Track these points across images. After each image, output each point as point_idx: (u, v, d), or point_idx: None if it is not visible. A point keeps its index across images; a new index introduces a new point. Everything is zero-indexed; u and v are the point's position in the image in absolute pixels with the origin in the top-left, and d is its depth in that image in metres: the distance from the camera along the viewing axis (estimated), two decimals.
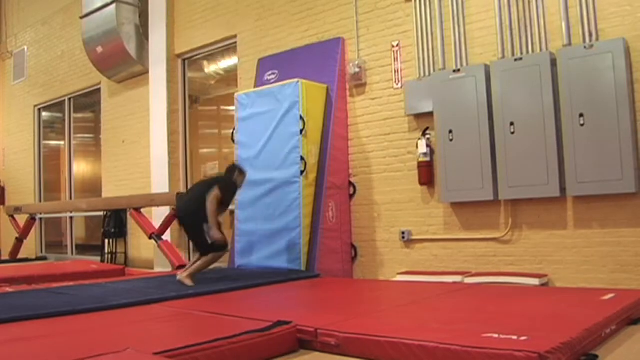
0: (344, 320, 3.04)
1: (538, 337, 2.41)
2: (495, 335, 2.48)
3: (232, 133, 6.18)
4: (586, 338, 2.52)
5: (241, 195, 5.99)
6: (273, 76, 6.30)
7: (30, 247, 10.14)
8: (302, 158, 5.48)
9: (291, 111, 5.60)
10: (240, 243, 5.93)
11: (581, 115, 4.44)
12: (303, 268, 5.36)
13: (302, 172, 5.47)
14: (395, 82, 5.66)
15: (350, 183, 5.92)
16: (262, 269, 5.57)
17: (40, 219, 10.18)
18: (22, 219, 9.33)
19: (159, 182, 7.67)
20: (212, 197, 4.73)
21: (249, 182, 5.89)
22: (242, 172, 5.17)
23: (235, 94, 6.24)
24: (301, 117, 5.51)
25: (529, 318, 2.97)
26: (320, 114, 5.76)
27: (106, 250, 8.40)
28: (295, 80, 5.63)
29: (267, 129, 5.78)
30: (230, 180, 5.06)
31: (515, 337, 2.41)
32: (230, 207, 6.19)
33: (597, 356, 2.47)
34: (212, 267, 5.00)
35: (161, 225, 6.92)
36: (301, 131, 5.50)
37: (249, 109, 5.99)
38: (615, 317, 2.92)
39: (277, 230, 5.59)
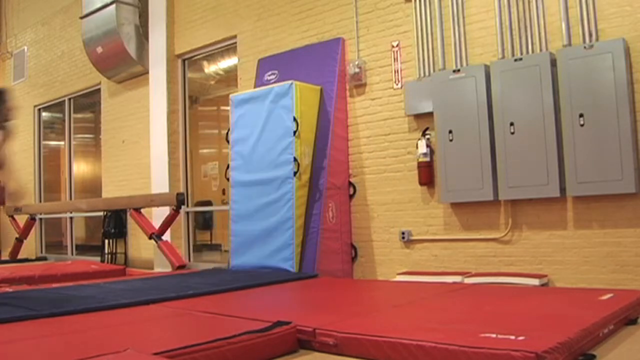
0: (342, 320, 3.04)
1: (535, 337, 2.41)
2: (493, 335, 2.48)
3: (227, 133, 6.21)
4: (584, 338, 2.52)
5: (235, 195, 6.01)
6: (273, 76, 6.31)
7: (30, 247, 10.15)
8: (295, 159, 5.49)
9: (285, 112, 5.62)
10: (234, 243, 5.95)
11: (581, 115, 4.44)
12: (296, 268, 5.37)
13: (295, 173, 5.49)
14: (395, 82, 5.66)
15: (350, 183, 5.92)
16: (256, 269, 5.58)
17: (40, 219, 10.18)
18: (22, 219, 9.34)
19: (159, 182, 7.67)
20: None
21: (243, 182, 5.92)
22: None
23: (230, 95, 6.27)
24: (294, 119, 5.53)
25: (527, 318, 2.97)
26: (314, 115, 5.79)
27: (106, 251, 8.40)
28: (290, 81, 5.65)
29: (261, 130, 5.82)
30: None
31: (512, 337, 2.41)
32: (224, 207, 6.22)
33: (594, 356, 2.47)
34: (211, 267, 5.00)
35: (161, 226, 6.92)
36: (294, 132, 5.52)
37: (243, 110, 6.02)
38: (613, 317, 2.92)
39: (271, 230, 5.60)
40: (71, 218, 9.97)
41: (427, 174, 5.34)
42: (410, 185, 5.51)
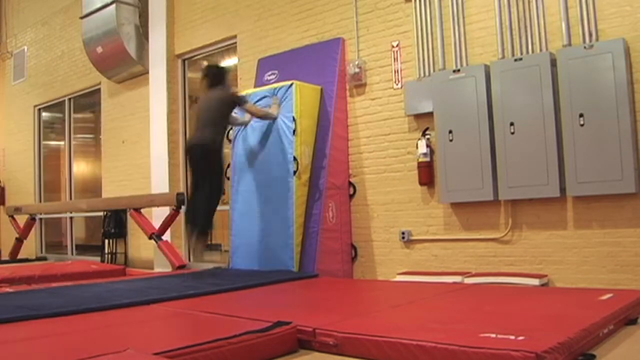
0: (342, 320, 3.04)
1: (535, 337, 2.41)
2: (493, 335, 2.48)
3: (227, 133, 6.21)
4: (584, 338, 2.52)
5: (235, 195, 6.01)
6: (273, 76, 6.31)
7: (30, 247, 10.14)
8: (295, 159, 5.49)
9: (285, 112, 5.62)
10: (234, 243, 5.95)
11: (581, 115, 4.44)
12: (296, 268, 5.37)
13: (295, 173, 5.49)
14: (395, 82, 5.66)
15: (350, 183, 5.92)
16: (256, 269, 5.58)
17: (40, 219, 10.18)
18: (22, 219, 9.33)
19: (159, 182, 7.67)
20: (250, 105, 5.59)
21: (244, 182, 5.92)
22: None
23: None
24: (294, 119, 5.53)
25: (527, 318, 2.97)
26: (314, 115, 5.78)
27: (106, 251, 8.40)
28: (290, 81, 5.65)
29: (261, 130, 5.82)
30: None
31: (512, 337, 2.41)
32: (225, 207, 6.23)
33: (594, 356, 2.47)
34: (210, 267, 5.01)
35: (161, 226, 6.92)
36: (294, 132, 5.52)
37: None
38: (612, 317, 2.92)
39: (271, 230, 5.60)
40: (71, 218, 9.97)
41: (427, 174, 5.34)
42: (410, 185, 5.51)
